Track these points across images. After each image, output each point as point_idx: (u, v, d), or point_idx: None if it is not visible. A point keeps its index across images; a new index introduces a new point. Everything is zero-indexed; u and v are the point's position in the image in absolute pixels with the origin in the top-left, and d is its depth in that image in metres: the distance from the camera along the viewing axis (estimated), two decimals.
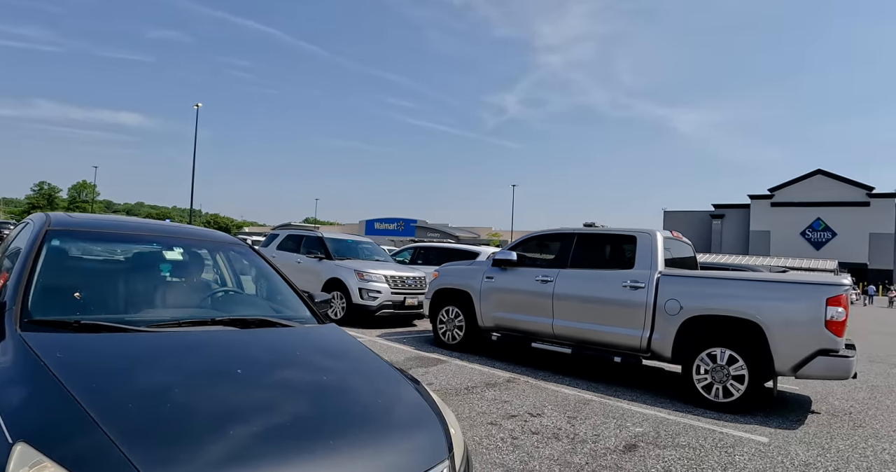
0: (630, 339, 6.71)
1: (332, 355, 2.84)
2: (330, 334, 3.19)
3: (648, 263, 6.82)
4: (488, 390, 6.25)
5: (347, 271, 10.87)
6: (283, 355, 2.68)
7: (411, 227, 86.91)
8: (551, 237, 8.25)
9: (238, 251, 4.05)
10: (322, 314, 3.53)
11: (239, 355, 2.50)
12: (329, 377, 2.50)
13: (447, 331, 8.82)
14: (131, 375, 2.12)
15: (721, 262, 28.66)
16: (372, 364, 2.81)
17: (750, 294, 6.08)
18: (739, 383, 5.92)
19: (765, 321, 5.84)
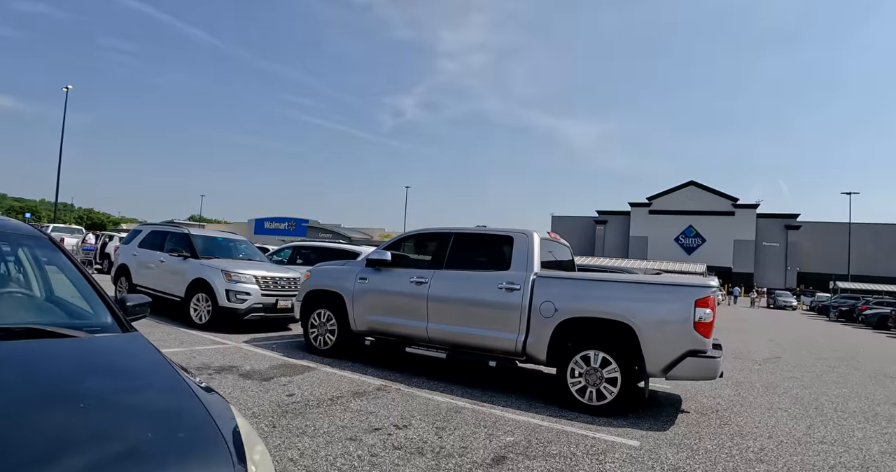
0: (505, 342, 6.47)
1: (107, 375, 2.31)
2: (121, 345, 2.65)
3: (524, 264, 6.61)
4: (355, 399, 5.78)
5: (213, 271, 10.02)
6: (32, 376, 2.11)
7: (303, 227, 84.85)
8: (428, 237, 7.90)
9: (34, 245, 3.36)
10: (128, 322, 2.95)
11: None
12: (88, 405, 1.96)
13: (318, 336, 8.25)
14: None
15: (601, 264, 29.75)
16: (161, 384, 2.31)
17: (622, 296, 6.01)
18: (612, 386, 5.81)
19: (636, 323, 5.78)
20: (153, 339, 8.25)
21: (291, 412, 5.19)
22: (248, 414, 4.98)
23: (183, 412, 2.10)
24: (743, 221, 67.67)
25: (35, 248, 3.38)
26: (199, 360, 7.17)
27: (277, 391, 5.88)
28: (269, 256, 14.45)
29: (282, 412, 5.14)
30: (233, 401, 5.34)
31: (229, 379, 6.25)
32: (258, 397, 5.61)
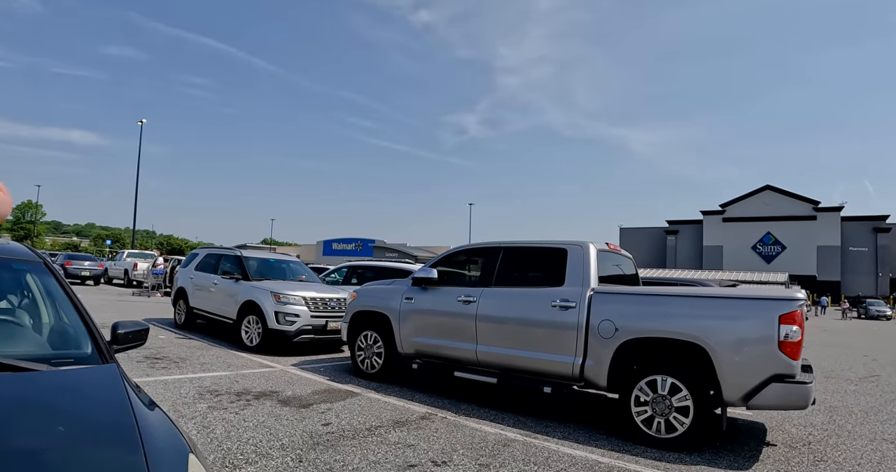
0: (560, 366, 5.85)
1: (38, 420, 1.96)
2: (81, 381, 2.36)
3: (580, 279, 6.00)
4: (395, 430, 5.30)
5: (263, 293, 9.82)
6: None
7: (369, 247, 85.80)
8: (476, 252, 7.37)
9: (28, 269, 3.15)
10: (110, 352, 2.67)
11: None
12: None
13: (365, 359, 7.84)
14: None
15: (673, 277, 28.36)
16: (101, 433, 1.96)
17: (693, 312, 5.30)
18: (684, 416, 5.10)
19: (710, 344, 5.06)
20: (202, 362, 8.14)
21: (323, 444, 4.75)
22: (276, 446, 4.59)
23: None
24: (826, 225, 63.81)
25: (29, 272, 3.17)
26: (242, 384, 6.88)
27: (314, 420, 5.48)
28: (325, 275, 14.28)
29: (312, 445, 4.71)
30: (264, 431, 4.97)
31: (266, 406, 5.90)
32: (291, 426, 5.21)
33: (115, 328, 2.93)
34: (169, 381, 6.83)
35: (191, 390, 6.40)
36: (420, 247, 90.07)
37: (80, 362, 2.52)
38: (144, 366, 7.61)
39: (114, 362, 2.57)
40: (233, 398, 6.21)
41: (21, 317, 3.02)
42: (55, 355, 2.57)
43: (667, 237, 73.94)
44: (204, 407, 5.72)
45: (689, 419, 5.07)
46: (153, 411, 2.18)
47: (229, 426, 5.10)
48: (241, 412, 5.61)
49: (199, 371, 7.61)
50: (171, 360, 8.28)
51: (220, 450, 4.44)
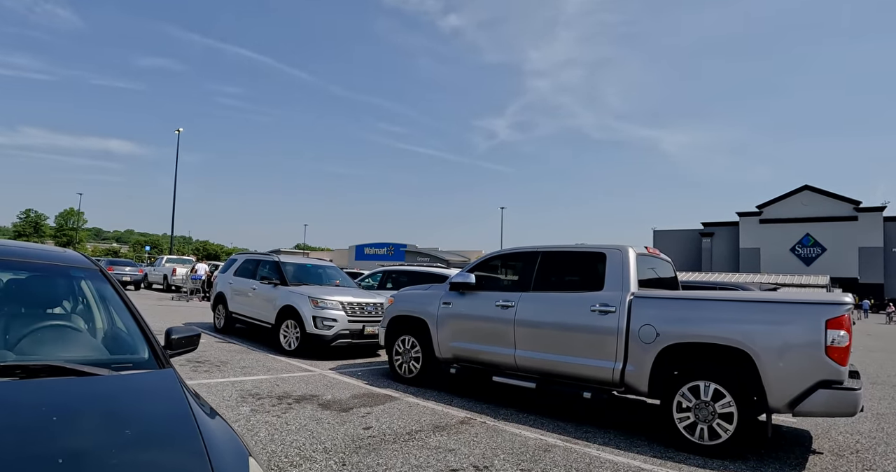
0: (600, 371, 5.81)
1: (108, 421, 2.07)
2: (142, 385, 2.46)
3: (620, 283, 5.95)
4: (435, 434, 5.33)
5: (301, 298, 9.95)
6: (28, 421, 1.91)
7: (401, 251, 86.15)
8: (513, 257, 7.37)
9: (85, 276, 3.28)
10: (166, 357, 2.76)
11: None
12: (66, 460, 1.70)
13: (403, 363, 7.89)
14: None
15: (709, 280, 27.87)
16: (166, 437, 2.04)
17: (736, 317, 5.21)
18: (727, 423, 5.02)
19: (754, 349, 4.97)
20: (243, 366, 8.28)
21: (365, 447, 4.80)
22: (319, 449, 4.66)
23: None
24: (868, 226, 61.85)
25: (86, 279, 3.31)
26: (282, 388, 6.99)
27: (354, 424, 5.53)
28: (360, 280, 14.40)
29: (355, 448, 4.77)
30: (307, 434, 5.04)
31: (307, 409, 5.98)
32: (333, 430, 5.28)
33: (168, 334, 3.02)
34: (212, 384, 6.96)
35: (233, 394, 6.52)
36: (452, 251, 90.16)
37: (139, 366, 2.61)
38: (187, 369, 7.77)
39: (170, 367, 2.65)
40: (274, 401, 6.31)
41: (78, 322, 3.13)
42: (114, 360, 2.67)
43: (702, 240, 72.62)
44: (247, 410, 5.82)
45: (733, 426, 4.99)
46: (212, 415, 2.25)
47: (272, 429, 5.18)
48: (283, 416, 5.69)
49: (240, 375, 7.74)
50: (213, 363, 8.44)
51: (264, 453, 4.52)
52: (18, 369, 2.25)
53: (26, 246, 3.55)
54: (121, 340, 2.94)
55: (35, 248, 3.52)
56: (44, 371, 2.29)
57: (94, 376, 2.35)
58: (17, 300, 3.10)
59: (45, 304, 3.25)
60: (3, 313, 2.88)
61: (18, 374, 2.22)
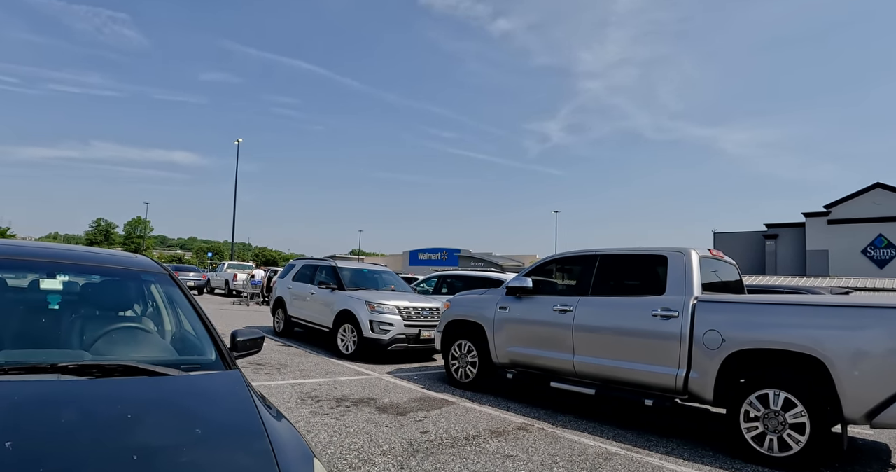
0: (662, 378, 5.65)
1: (180, 419, 2.13)
2: (211, 386, 2.52)
3: (682, 287, 5.78)
4: (492, 440, 5.28)
5: (358, 303, 10.07)
6: (104, 419, 1.99)
7: (455, 256, 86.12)
8: (571, 260, 7.26)
9: (155, 281, 3.40)
10: (232, 359, 2.83)
11: (37, 419, 1.87)
12: (141, 457, 1.76)
13: (459, 368, 7.87)
14: None
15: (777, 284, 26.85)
16: (235, 435, 2.10)
17: (808, 322, 4.97)
18: (799, 434, 4.79)
19: (828, 356, 4.73)
20: (301, 369, 8.43)
21: (423, 451, 4.80)
22: (377, 452, 4.68)
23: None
24: None
25: (156, 283, 3.43)
26: (340, 391, 7.07)
27: (412, 428, 5.54)
28: (415, 285, 14.48)
29: (413, 452, 4.77)
30: (365, 437, 5.08)
31: (365, 412, 6.03)
32: (391, 433, 5.30)
33: (234, 336, 3.10)
34: (272, 386, 7.10)
35: (293, 396, 6.64)
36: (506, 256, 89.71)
37: (206, 368, 2.69)
38: (249, 371, 7.95)
39: (237, 369, 2.71)
40: (333, 403, 6.38)
41: (148, 324, 3.25)
42: (183, 361, 2.76)
43: (765, 242, 69.96)
44: (307, 412, 5.91)
45: (805, 437, 4.75)
46: (278, 417, 2.29)
47: (331, 432, 5.24)
48: (341, 418, 5.75)
49: (299, 377, 7.88)
50: (273, 366, 8.62)
51: (324, 455, 4.57)
52: (95, 369, 2.34)
53: (101, 252, 3.71)
54: (189, 342, 3.03)
55: (109, 253, 3.68)
56: (118, 371, 2.38)
57: (165, 376, 2.43)
58: (92, 303, 3.23)
59: (118, 306, 3.38)
60: (79, 315, 3.01)
61: (95, 373, 2.30)
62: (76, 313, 3.03)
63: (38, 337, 2.73)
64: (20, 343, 2.64)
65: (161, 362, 2.59)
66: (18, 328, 2.76)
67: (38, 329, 2.81)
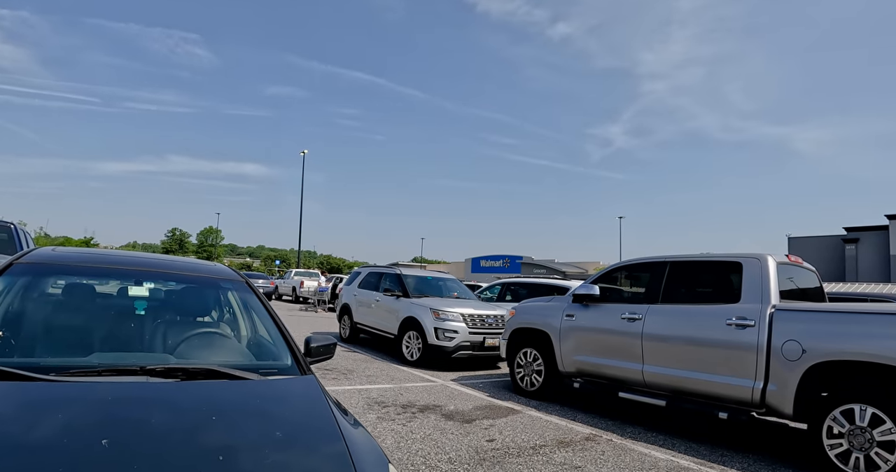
0: (738, 390, 5.44)
1: (260, 422, 2.19)
2: (289, 390, 2.60)
3: (758, 295, 5.56)
4: (560, 450, 5.21)
5: (423, 310, 10.14)
6: (191, 420, 2.08)
7: (517, 264, 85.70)
8: (640, 267, 7.10)
9: (232, 287, 3.54)
10: (307, 364, 2.93)
11: (129, 419, 1.98)
12: (226, 458, 1.83)
13: (525, 376, 7.81)
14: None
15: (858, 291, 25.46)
16: (313, 437, 2.17)
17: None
18: (888, 453, 4.51)
19: None
20: (367, 375, 8.55)
21: (489, 459, 4.78)
22: (444, 459, 4.69)
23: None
24: None
25: (233, 290, 3.56)
26: (406, 397, 7.13)
27: (478, 435, 5.53)
28: (479, 292, 14.48)
29: (479, 460, 4.75)
30: (431, 444, 5.10)
31: (431, 419, 6.05)
32: (457, 440, 5.30)
33: (308, 342, 3.19)
34: (339, 391, 7.23)
35: (360, 401, 6.73)
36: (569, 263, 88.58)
37: (283, 372, 2.77)
38: (317, 376, 8.11)
39: (311, 374, 2.78)
40: (399, 410, 6.44)
41: (226, 330, 3.37)
42: (261, 366, 2.85)
43: (845, 246, 66.40)
44: (373, 418, 5.98)
45: (895, 457, 4.48)
46: (354, 423, 2.34)
47: (398, 438, 5.28)
48: (407, 424, 5.79)
49: (365, 383, 7.99)
50: (340, 371, 8.77)
51: (392, 460, 4.61)
52: (179, 372, 2.44)
53: (182, 260, 3.89)
54: (265, 347, 3.12)
55: (189, 262, 3.85)
56: (201, 374, 2.47)
57: (245, 379, 2.52)
58: (175, 309, 3.39)
59: (198, 312, 3.53)
60: (163, 321, 3.14)
61: (179, 376, 2.41)
62: (161, 319, 3.16)
63: (127, 341, 2.88)
64: (110, 346, 2.78)
65: (241, 367, 2.68)
66: (108, 332, 2.91)
67: (126, 334, 2.96)
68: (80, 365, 2.39)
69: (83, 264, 3.32)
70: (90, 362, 2.48)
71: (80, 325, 2.92)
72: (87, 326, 2.93)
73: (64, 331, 2.85)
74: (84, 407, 2.01)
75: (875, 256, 63.22)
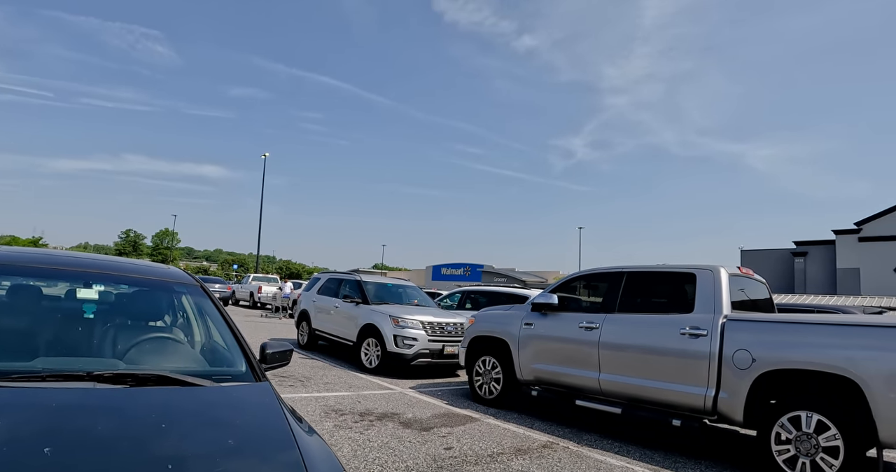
0: (691, 398, 5.56)
1: (210, 428, 2.15)
2: (242, 397, 2.54)
3: (711, 305, 5.70)
4: (517, 458, 5.23)
5: (382, 317, 10.09)
6: (139, 428, 2.01)
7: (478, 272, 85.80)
8: (598, 277, 7.21)
9: (187, 292, 3.45)
10: (262, 371, 2.87)
11: (74, 426, 1.90)
12: (177, 465, 1.79)
13: (483, 384, 7.83)
14: None
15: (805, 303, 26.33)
16: (266, 445, 2.11)
17: (841, 342, 4.86)
18: (832, 458, 4.67)
19: (863, 377, 4.62)
20: (325, 382, 8.44)
21: (447, 468, 4.77)
22: (401, 467, 4.67)
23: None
24: None
25: (187, 294, 3.47)
26: (364, 405, 7.07)
27: (435, 443, 5.52)
28: (439, 300, 14.48)
29: (437, 468, 4.75)
30: (389, 452, 5.07)
31: (389, 427, 6.01)
32: (415, 449, 5.28)
33: (263, 349, 3.12)
34: (296, 399, 7.13)
35: (317, 409, 6.65)
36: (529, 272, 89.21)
37: (237, 379, 2.72)
38: (273, 383, 7.98)
39: (266, 381, 2.73)
40: (356, 417, 6.38)
41: (179, 335, 3.28)
42: (214, 372, 2.79)
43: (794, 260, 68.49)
44: (330, 426, 5.92)
45: (839, 462, 4.63)
46: (307, 429, 2.30)
47: (355, 446, 5.24)
48: (365, 432, 5.75)
49: (322, 390, 7.90)
50: (297, 379, 8.65)
51: (348, 469, 4.55)
52: (129, 378, 2.36)
53: (135, 262, 3.78)
54: (219, 353, 3.06)
55: (142, 264, 3.74)
56: (151, 380, 2.40)
57: (198, 386, 2.45)
58: (126, 313, 3.29)
59: (151, 317, 3.44)
60: (113, 325, 3.05)
61: (129, 382, 2.33)
62: (110, 323, 3.07)
63: (74, 345, 2.78)
64: (56, 351, 2.68)
65: (193, 373, 2.61)
66: (54, 336, 2.81)
67: (74, 338, 2.86)
68: (23, 370, 2.31)
69: (29, 264, 3.19)
70: (34, 366, 2.40)
71: (24, 328, 2.82)
72: (31, 329, 2.83)
73: (6, 334, 2.74)
74: (25, 414, 1.94)
75: (822, 269, 65.45)
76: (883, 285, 59.13)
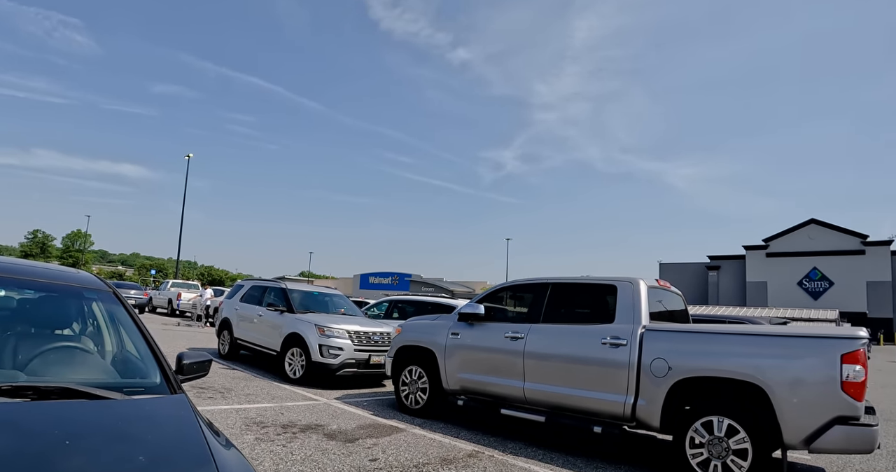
0: (611, 405, 5.73)
1: (120, 444, 2.02)
2: (155, 410, 2.41)
3: (631, 316, 5.91)
4: (442, 468, 5.23)
5: (307, 326, 9.90)
6: (41, 445, 1.87)
7: (406, 281, 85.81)
8: (523, 288, 7.33)
9: (98, 298, 3.25)
10: (177, 382, 2.74)
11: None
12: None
13: (410, 394, 7.80)
14: None
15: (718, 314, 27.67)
16: (178, 460, 2.00)
17: (749, 351, 5.15)
18: (742, 459, 4.92)
19: (769, 384, 4.90)
20: (247, 393, 8.19)
21: None
22: None
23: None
24: (876, 260, 61.25)
25: (98, 301, 3.27)
26: (287, 417, 6.90)
27: (360, 455, 5.45)
28: (366, 309, 14.35)
29: None
30: (312, 465, 4.97)
31: (312, 439, 5.89)
32: (339, 461, 5.19)
33: (180, 359, 2.98)
34: (215, 411, 6.88)
35: (237, 421, 6.45)
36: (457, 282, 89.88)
37: (150, 391, 2.58)
38: (191, 396, 7.67)
39: (182, 393, 2.62)
40: (279, 430, 6.22)
41: (89, 344, 3.09)
42: (126, 384, 2.64)
43: (708, 273, 72.29)
44: (251, 439, 5.75)
45: (748, 463, 4.89)
46: (225, 443, 2.22)
47: (277, 459, 5.10)
48: (287, 445, 5.61)
49: (244, 402, 7.66)
50: (217, 390, 8.36)
51: None
52: (30, 391, 2.21)
53: (40, 266, 3.53)
54: (133, 364, 2.90)
55: (48, 268, 3.50)
56: (55, 393, 2.26)
57: (107, 399, 2.32)
58: (28, 320, 3.08)
59: (57, 324, 3.23)
60: (14, 333, 2.85)
61: (30, 395, 2.18)
62: (11, 331, 2.86)
63: None
64: None
65: (102, 385, 2.47)
66: None
67: None
68: None
69: None
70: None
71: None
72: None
73: None
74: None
75: (733, 281, 69.14)
76: (788, 297, 63.05)
